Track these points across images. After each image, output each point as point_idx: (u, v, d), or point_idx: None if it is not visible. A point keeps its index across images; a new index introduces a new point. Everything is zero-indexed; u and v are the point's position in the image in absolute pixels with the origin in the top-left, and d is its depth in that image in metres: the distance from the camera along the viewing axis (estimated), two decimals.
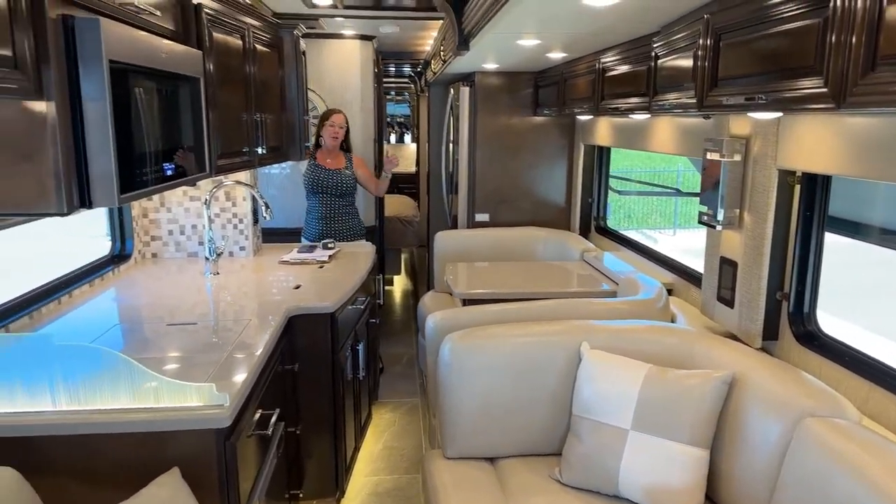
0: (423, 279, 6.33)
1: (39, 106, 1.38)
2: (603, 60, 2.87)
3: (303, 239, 3.93)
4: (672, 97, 2.15)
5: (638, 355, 2.03)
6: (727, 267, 2.27)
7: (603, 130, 3.62)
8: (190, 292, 2.61)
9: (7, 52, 1.28)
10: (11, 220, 1.93)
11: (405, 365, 4.34)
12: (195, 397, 1.55)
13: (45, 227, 2.12)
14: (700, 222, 2.35)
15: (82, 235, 4.26)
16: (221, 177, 3.08)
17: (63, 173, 1.43)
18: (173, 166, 1.90)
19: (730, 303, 2.25)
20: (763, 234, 2.06)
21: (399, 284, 6.58)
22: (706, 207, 2.30)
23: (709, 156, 2.25)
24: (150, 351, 1.95)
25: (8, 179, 1.40)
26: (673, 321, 2.56)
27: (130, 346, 1.99)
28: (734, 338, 2.18)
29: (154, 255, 3.18)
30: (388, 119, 10.23)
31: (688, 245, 3.42)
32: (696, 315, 2.59)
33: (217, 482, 1.58)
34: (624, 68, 2.67)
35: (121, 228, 3.00)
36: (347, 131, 3.89)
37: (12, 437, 1.50)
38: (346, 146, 3.95)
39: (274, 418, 2.00)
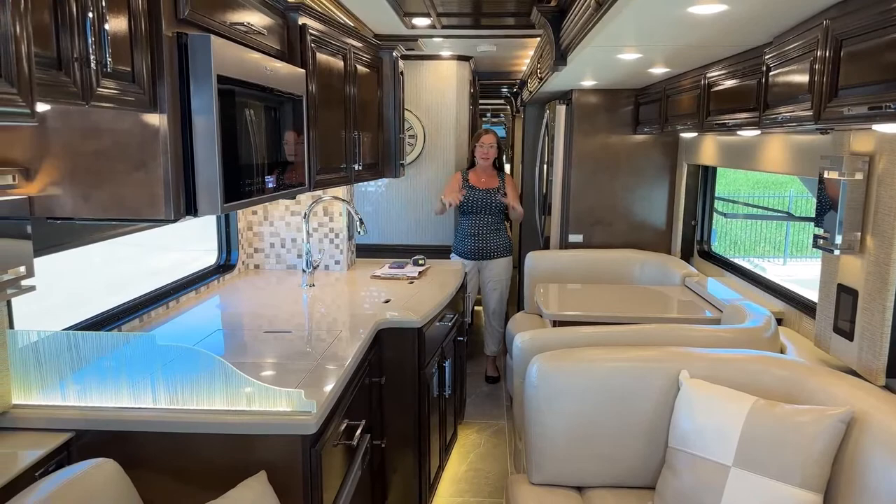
0: (513, 300, 6.25)
1: (153, 118, 1.48)
2: (709, 75, 2.73)
3: (453, 256, 4.12)
4: (784, 110, 2.01)
5: (742, 387, 1.88)
6: (846, 295, 2.07)
7: (708, 149, 3.45)
8: (286, 302, 2.70)
9: (127, 68, 1.37)
10: (128, 227, 2.07)
11: (493, 386, 4.27)
12: (284, 403, 1.59)
13: (169, 240, 2.27)
14: (815, 247, 2.16)
15: (199, 249, 4.55)
16: (320, 192, 3.20)
17: (172, 182, 1.51)
18: (275, 179, 1.97)
19: (848, 335, 2.04)
20: (889, 260, 1.86)
21: None
22: (822, 230, 2.11)
23: (826, 175, 2.07)
24: (247, 356, 2.03)
25: (123, 186, 1.49)
26: (782, 353, 2.36)
27: (228, 350, 2.08)
28: (853, 373, 1.97)
29: (256, 267, 3.33)
30: None
31: (800, 276, 3.18)
32: (809, 347, 2.38)
33: (301, 488, 1.60)
34: (731, 82, 2.53)
35: (227, 240, 3.17)
36: (500, 150, 4.06)
37: (116, 430, 1.58)
38: (498, 164, 4.10)
39: (360, 430, 2.01)
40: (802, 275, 3.83)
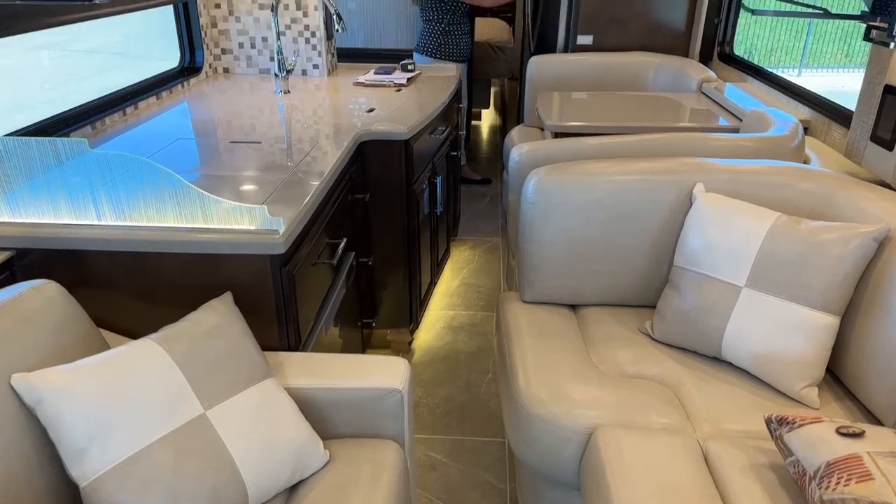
0: (513, 114, 5.91)
1: None
2: None
3: (433, 60, 3.77)
4: None
5: (764, 202, 1.69)
6: (893, 98, 1.81)
7: None
8: (257, 110, 2.42)
9: None
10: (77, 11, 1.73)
11: (488, 203, 4.13)
12: (247, 220, 1.40)
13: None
14: (866, 39, 1.85)
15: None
16: None
17: None
18: None
19: (889, 143, 1.81)
20: None
21: (487, 119, 6.20)
22: (878, 20, 1.79)
23: None
24: (209, 168, 1.81)
25: None
26: (806, 164, 2.15)
27: (188, 161, 1.85)
28: (888, 187, 1.78)
29: (226, 70, 2.98)
30: None
31: (815, 86, 2.88)
32: (837, 159, 2.16)
33: (274, 309, 1.47)
34: None
35: (189, 37, 2.80)
36: None
37: (61, 249, 1.41)
38: None
39: (341, 247, 1.86)
40: (817, 85, 3.50)
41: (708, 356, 1.64)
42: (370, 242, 2.35)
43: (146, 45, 11.91)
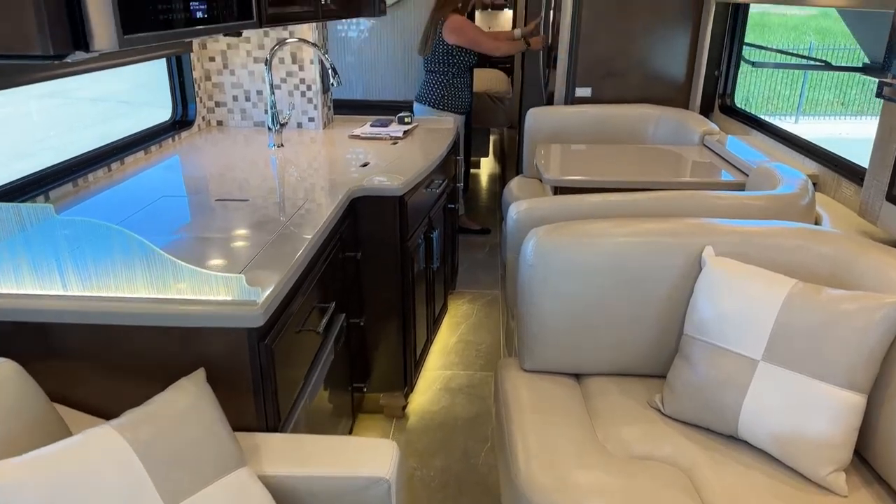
0: (511, 163, 5.88)
1: None
2: None
3: (432, 111, 3.74)
4: None
5: (777, 267, 1.59)
6: None
7: None
8: (248, 165, 2.35)
9: None
10: (30, 73, 1.67)
11: (487, 254, 4.04)
12: (223, 290, 1.30)
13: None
14: (878, 96, 1.77)
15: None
16: (285, 33, 2.73)
17: (44, 3, 1.11)
18: (205, 8, 1.54)
19: None
20: None
21: (486, 168, 6.17)
22: (891, 76, 1.72)
23: None
24: (191, 229, 1.71)
25: None
26: (817, 224, 2.06)
27: (169, 221, 1.76)
28: None
29: (220, 123, 2.93)
30: None
31: (814, 134, 2.84)
32: (850, 217, 2.07)
33: (251, 387, 1.35)
34: None
35: (182, 91, 2.75)
36: None
37: (23, 321, 1.31)
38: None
39: (329, 313, 1.75)
40: (816, 133, 3.47)
41: (723, 434, 1.52)
42: (362, 302, 2.24)
43: (151, 93, 12.06)
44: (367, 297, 2.24)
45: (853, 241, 1.58)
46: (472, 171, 5.96)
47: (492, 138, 6.33)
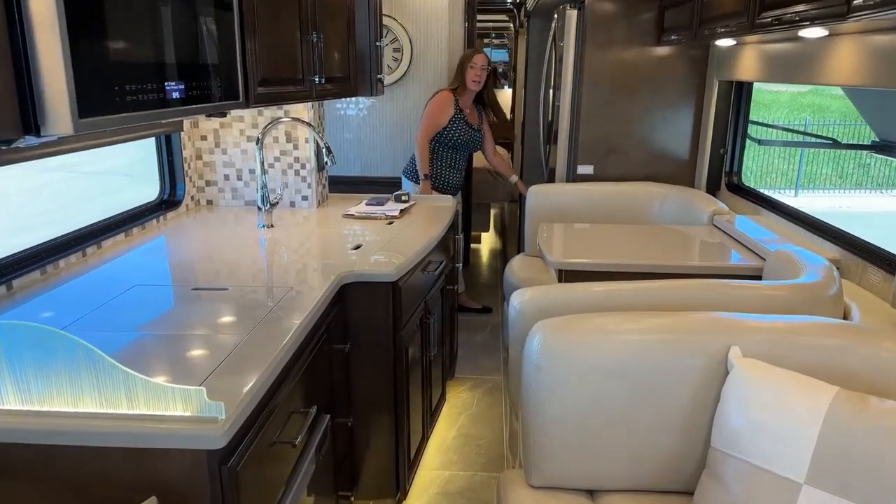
0: (512, 238, 5.78)
1: None
2: None
3: (422, 188, 3.57)
4: None
5: (811, 370, 1.41)
6: None
7: (747, 61, 2.87)
8: (234, 248, 2.21)
9: None
10: None
11: (489, 334, 3.85)
12: (180, 405, 1.12)
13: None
14: None
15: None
16: (281, 112, 2.66)
17: None
18: (184, 88, 1.44)
19: None
20: None
21: (487, 243, 6.07)
22: None
23: None
24: (157, 325, 1.55)
25: None
26: (846, 317, 1.89)
27: (135, 316, 1.60)
28: None
29: (209, 203, 2.82)
30: None
31: (812, 209, 2.74)
32: (883, 308, 1.91)
33: None
34: None
35: (170, 170, 2.66)
36: (490, 78, 3.59)
37: None
38: (486, 98, 3.66)
39: (311, 418, 1.57)
40: (816, 207, 3.38)
41: None
42: (350, 400, 2.05)
43: (151, 168, 12.17)
44: (356, 393, 2.05)
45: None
46: (472, 245, 5.85)
47: (492, 212, 6.25)
